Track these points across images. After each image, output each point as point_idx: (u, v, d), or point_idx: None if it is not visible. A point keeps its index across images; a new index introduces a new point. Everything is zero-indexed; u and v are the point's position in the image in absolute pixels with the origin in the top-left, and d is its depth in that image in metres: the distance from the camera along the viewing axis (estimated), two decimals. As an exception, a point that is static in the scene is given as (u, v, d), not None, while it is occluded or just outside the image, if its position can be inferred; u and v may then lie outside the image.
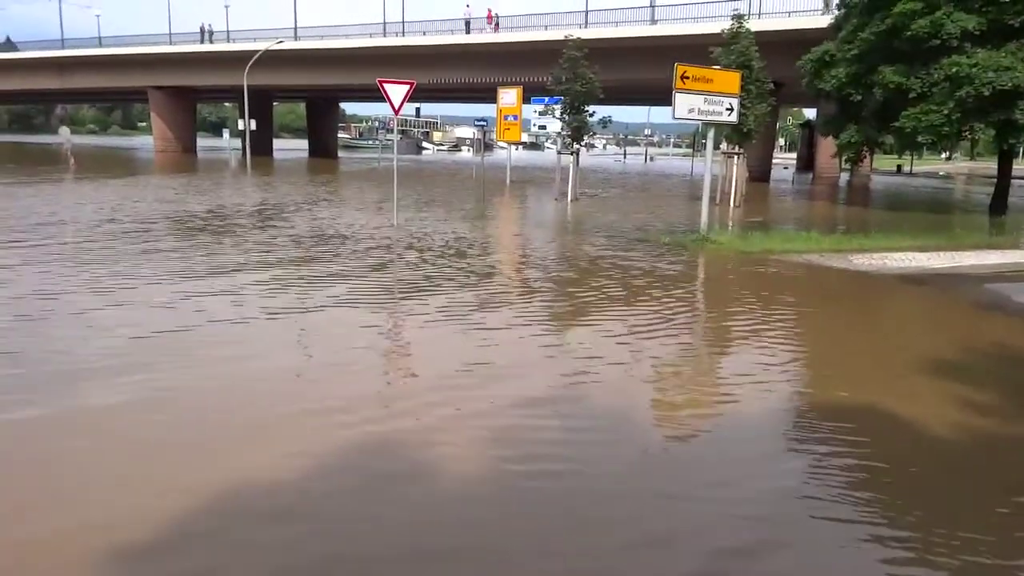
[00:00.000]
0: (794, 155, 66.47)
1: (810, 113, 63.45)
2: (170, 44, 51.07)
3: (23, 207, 16.35)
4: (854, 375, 6.21)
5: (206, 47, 49.50)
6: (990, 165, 39.35)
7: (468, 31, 41.90)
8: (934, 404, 5.39)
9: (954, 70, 18.75)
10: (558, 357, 6.44)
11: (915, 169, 58.96)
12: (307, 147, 63.08)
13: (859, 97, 21.35)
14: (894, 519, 3.74)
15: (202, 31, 51.27)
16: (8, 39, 69.15)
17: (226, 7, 56.91)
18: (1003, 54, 18.40)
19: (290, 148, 68.98)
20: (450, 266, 10.59)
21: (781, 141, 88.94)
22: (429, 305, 8.10)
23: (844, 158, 24.74)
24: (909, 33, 19.45)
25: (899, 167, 57.71)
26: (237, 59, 42.41)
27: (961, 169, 65.06)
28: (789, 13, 32.07)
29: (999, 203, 22.55)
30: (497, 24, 41.11)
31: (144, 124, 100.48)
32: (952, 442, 4.78)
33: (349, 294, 8.57)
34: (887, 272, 11.43)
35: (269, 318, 7.39)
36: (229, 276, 9.42)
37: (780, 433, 4.94)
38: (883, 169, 54.49)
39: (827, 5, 24.98)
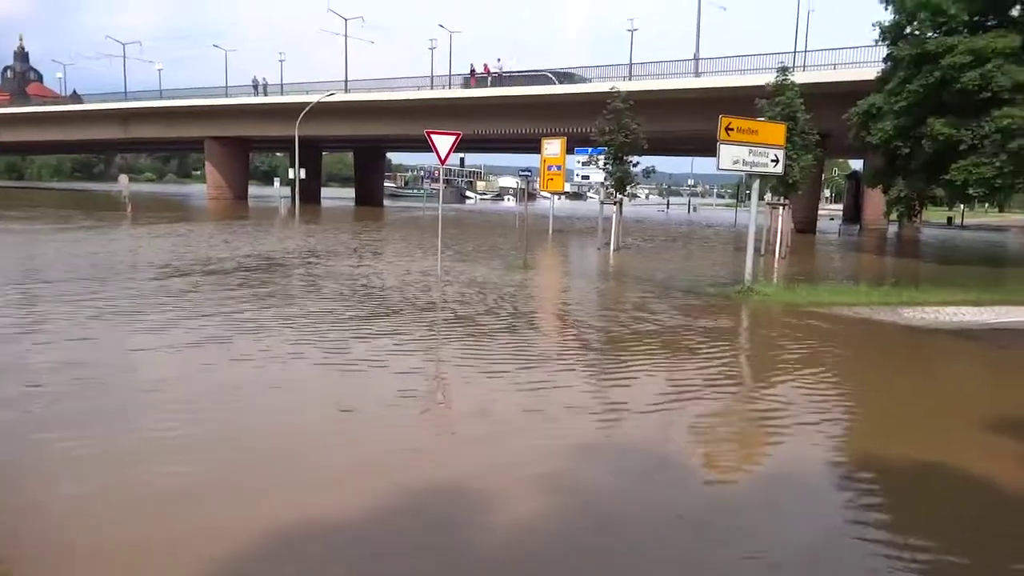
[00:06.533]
0: (840, 206, 65.67)
1: (856, 164, 62.85)
2: (226, 97, 53.22)
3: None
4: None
5: (260, 99, 51.40)
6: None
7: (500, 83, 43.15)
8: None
9: (1006, 122, 18.52)
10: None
11: (966, 221, 57.73)
12: (354, 196, 64.42)
13: (907, 150, 21.13)
14: None
15: (255, 84, 53.29)
16: (75, 92, 72.65)
17: (280, 61, 59.27)
18: (1057, 107, 18.19)
19: (337, 196, 70.50)
20: (498, 324, 10.64)
21: (827, 192, 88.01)
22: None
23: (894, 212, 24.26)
24: (959, 86, 19.30)
25: (950, 219, 56.60)
26: (289, 111, 43.96)
27: (1017, 221, 63.43)
28: (835, 65, 32.13)
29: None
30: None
31: (198, 173, 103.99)
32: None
33: (396, 346, 8.67)
34: (939, 326, 11.13)
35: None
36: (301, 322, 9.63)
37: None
38: (933, 221, 53.39)
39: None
